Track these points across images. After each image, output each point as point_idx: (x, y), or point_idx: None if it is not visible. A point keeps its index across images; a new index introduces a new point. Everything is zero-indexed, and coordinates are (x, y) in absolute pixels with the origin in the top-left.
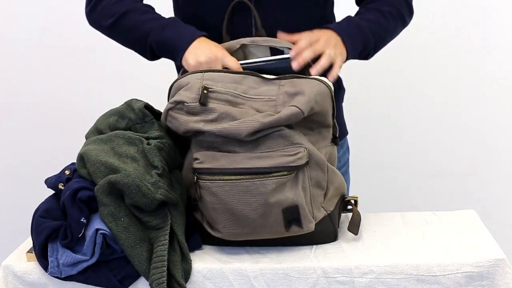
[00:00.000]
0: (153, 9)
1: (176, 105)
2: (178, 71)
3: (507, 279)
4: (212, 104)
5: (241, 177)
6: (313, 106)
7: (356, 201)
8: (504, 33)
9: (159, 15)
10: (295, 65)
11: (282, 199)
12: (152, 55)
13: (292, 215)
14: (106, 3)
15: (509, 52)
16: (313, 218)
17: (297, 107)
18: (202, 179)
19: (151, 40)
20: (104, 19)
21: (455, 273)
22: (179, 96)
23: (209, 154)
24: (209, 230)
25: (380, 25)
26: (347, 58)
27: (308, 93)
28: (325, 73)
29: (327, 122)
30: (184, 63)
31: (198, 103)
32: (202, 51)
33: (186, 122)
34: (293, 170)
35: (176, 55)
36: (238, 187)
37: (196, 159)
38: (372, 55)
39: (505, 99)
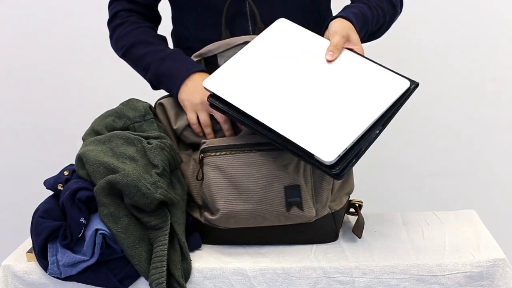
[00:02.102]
0: (160, 39)
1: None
2: None
3: (507, 279)
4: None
5: (246, 151)
6: None
7: (360, 205)
8: (504, 32)
9: (163, 46)
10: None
11: (284, 174)
12: (153, 87)
13: (293, 195)
14: (119, 33)
15: (509, 51)
16: (314, 208)
17: None
18: (208, 156)
19: (150, 73)
20: (117, 50)
21: (455, 273)
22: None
23: (216, 140)
24: (209, 216)
25: (371, 11)
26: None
27: None
28: None
29: None
30: (180, 102)
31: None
32: (196, 92)
33: (199, 138)
34: None
35: (172, 91)
36: (242, 160)
37: (204, 142)
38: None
39: (505, 99)
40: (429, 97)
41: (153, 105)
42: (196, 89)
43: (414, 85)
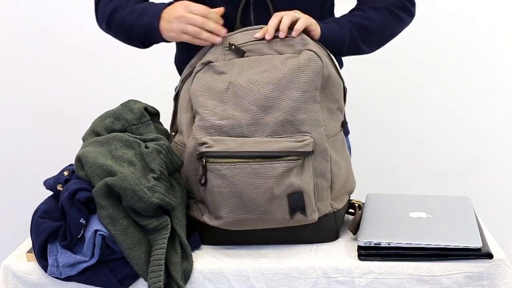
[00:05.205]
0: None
1: (204, 67)
2: (177, 68)
3: (507, 279)
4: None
5: (251, 160)
6: (324, 62)
7: (360, 206)
8: (504, 32)
9: (137, 5)
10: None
11: (289, 184)
12: (143, 45)
13: (297, 202)
14: (101, 5)
15: (509, 51)
16: (317, 211)
17: (312, 51)
18: (211, 162)
19: (135, 33)
20: (101, 22)
21: (455, 273)
22: (206, 58)
23: (217, 139)
24: (209, 221)
25: (362, 21)
26: (322, 35)
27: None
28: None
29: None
30: (166, 35)
31: (223, 61)
32: (170, 20)
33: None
34: (301, 156)
35: (157, 37)
36: (247, 170)
37: (205, 143)
38: (355, 49)
39: (505, 98)
40: (429, 98)
41: (154, 105)
42: (169, 17)
43: (483, 252)
